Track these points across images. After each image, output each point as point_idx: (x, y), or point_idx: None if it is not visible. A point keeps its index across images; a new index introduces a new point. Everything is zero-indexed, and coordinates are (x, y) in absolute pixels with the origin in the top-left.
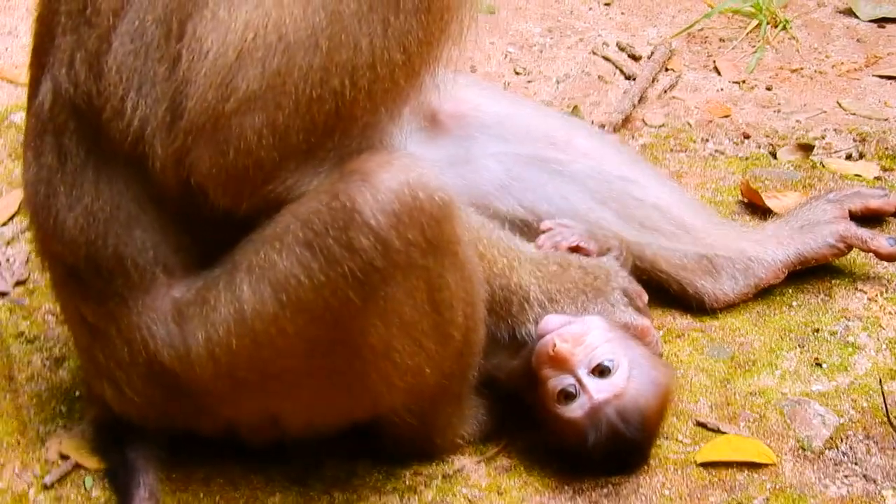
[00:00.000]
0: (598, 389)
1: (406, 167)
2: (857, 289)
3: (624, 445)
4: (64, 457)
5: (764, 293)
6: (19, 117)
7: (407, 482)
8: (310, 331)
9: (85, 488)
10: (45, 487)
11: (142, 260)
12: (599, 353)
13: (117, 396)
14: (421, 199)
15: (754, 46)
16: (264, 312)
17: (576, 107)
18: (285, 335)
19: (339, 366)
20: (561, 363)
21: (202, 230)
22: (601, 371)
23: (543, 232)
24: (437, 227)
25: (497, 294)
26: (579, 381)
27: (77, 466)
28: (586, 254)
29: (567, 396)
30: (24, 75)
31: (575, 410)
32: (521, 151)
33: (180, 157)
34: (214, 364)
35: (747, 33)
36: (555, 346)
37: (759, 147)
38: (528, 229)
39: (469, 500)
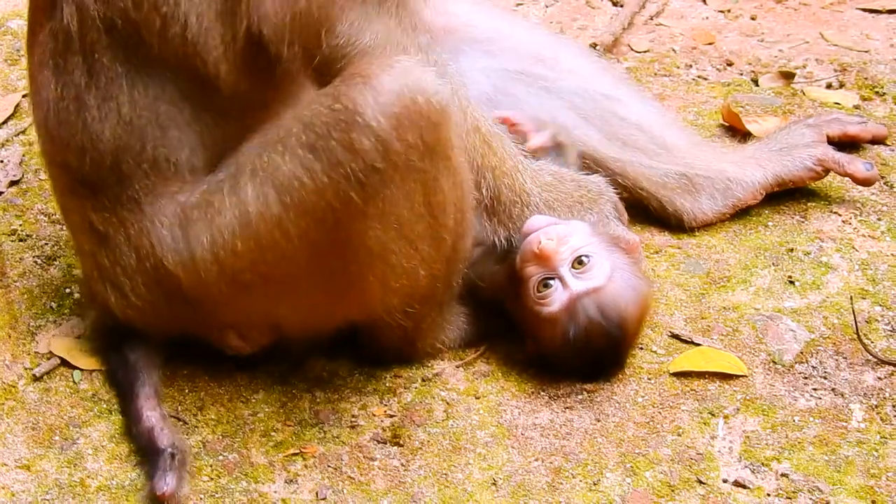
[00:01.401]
0: (578, 284)
1: (406, 71)
2: (832, 211)
3: (602, 341)
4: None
5: (741, 213)
6: (16, 24)
7: (387, 384)
8: (312, 232)
9: (73, 381)
10: (35, 379)
11: (174, 157)
12: (581, 252)
13: (121, 302)
14: (420, 102)
15: None
16: (268, 215)
17: (562, 31)
18: (288, 237)
19: (338, 268)
20: (545, 260)
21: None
22: (580, 262)
23: (504, 121)
24: (435, 130)
25: (504, 194)
26: (561, 278)
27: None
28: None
29: (546, 286)
30: None
31: (554, 304)
32: (509, 67)
33: (248, 22)
34: (218, 268)
35: None
36: (540, 242)
37: (742, 74)
38: None
39: (447, 403)
